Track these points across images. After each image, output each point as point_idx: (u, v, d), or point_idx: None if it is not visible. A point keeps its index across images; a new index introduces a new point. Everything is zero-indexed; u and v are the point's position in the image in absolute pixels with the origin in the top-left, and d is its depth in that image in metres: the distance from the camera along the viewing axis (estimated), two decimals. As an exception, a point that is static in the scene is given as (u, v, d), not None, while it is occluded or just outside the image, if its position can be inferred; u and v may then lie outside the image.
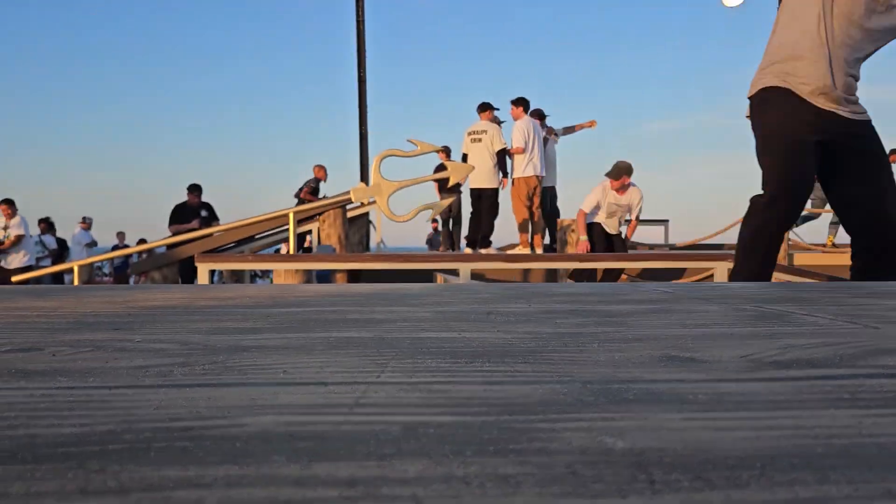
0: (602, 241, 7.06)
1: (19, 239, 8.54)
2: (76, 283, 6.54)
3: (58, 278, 8.47)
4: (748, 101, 3.40)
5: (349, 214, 7.64)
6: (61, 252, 11.65)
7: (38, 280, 7.18)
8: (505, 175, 7.79)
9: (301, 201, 8.97)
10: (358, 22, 12.94)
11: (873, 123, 3.19)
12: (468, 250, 7.80)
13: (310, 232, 8.77)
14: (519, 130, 7.70)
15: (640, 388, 0.69)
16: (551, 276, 6.86)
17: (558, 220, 8.42)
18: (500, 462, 0.46)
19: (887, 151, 3.25)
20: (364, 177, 12.29)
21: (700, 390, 0.68)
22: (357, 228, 8.97)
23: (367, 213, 9.60)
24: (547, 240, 9.40)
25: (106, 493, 0.42)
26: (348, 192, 6.75)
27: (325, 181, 9.53)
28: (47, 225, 11.67)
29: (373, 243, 10.98)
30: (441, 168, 7.65)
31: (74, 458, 0.49)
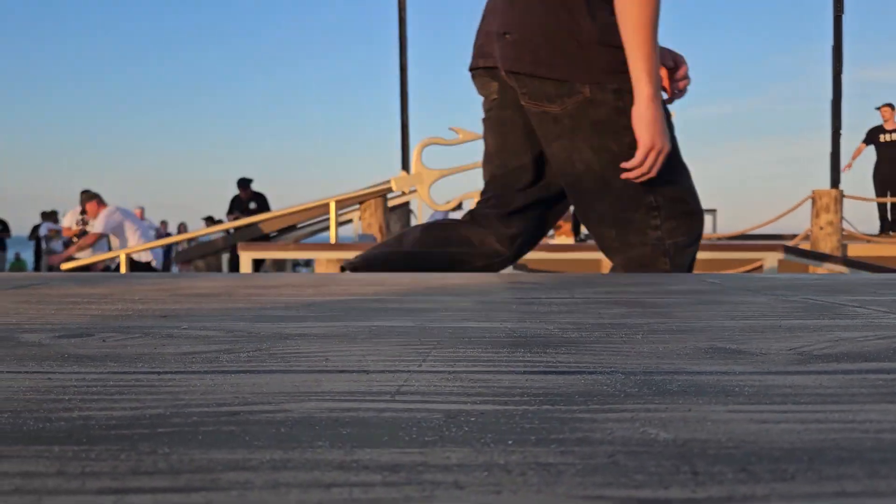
0: None
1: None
2: (123, 270, 6.72)
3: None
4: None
5: (390, 203, 7.68)
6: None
7: (87, 267, 7.39)
8: None
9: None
10: (400, 9, 12.96)
11: None
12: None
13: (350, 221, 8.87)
14: None
15: (684, 380, 0.68)
16: (596, 265, 6.80)
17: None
18: (541, 451, 0.46)
19: None
20: (405, 165, 12.34)
21: (746, 382, 0.67)
22: (398, 217, 9.01)
23: (408, 203, 9.65)
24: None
25: (156, 474, 0.43)
26: (389, 181, 6.79)
27: (244, 196, 9.09)
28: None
29: (414, 232, 11.00)
30: None
31: (126, 439, 0.50)
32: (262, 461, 0.45)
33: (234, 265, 7.32)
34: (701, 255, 5.85)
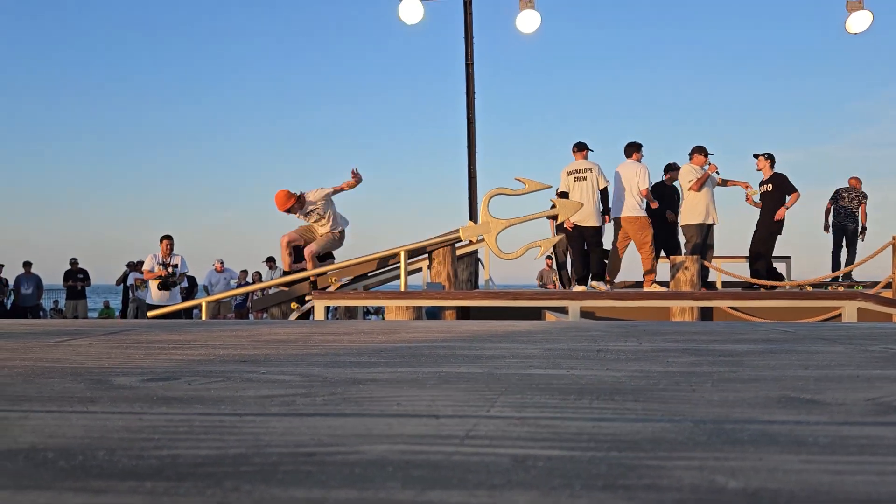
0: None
1: (184, 277, 9.15)
2: (204, 318, 6.96)
3: (188, 313, 9.03)
4: None
5: (458, 252, 7.74)
6: (191, 288, 12.43)
7: (170, 315, 7.68)
8: (606, 213, 7.72)
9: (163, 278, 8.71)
10: (467, 64, 13.24)
11: None
12: (580, 288, 7.70)
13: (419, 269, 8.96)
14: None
15: (755, 429, 0.67)
16: (664, 313, 6.65)
17: (671, 257, 8.19)
18: (608, 497, 0.47)
19: None
20: (473, 215, 12.43)
21: (821, 433, 0.66)
22: (466, 266, 9.05)
23: (475, 251, 9.69)
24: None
25: (241, 509, 0.46)
26: (457, 231, 6.85)
27: (168, 257, 9.10)
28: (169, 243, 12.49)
29: (481, 280, 11.04)
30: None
31: (212, 477, 0.54)
32: (338, 500, 0.47)
33: (305, 312, 7.49)
34: (774, 302, 5.65)
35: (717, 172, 8.19)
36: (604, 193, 7.55)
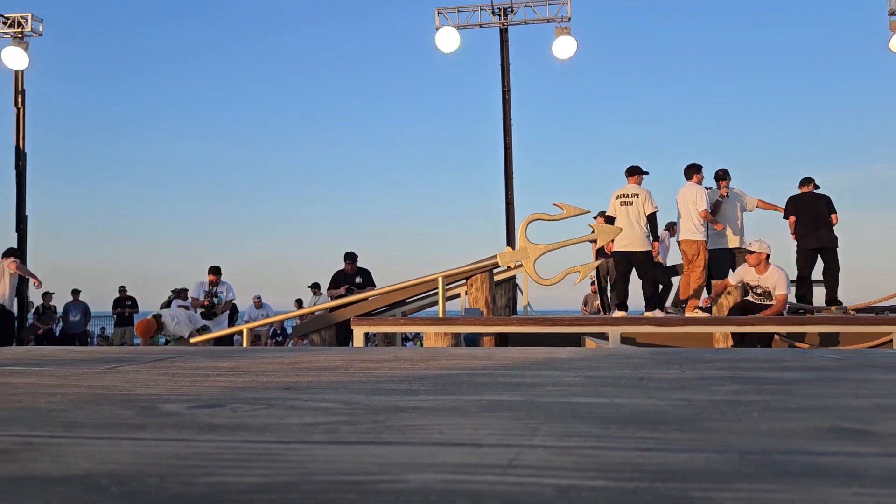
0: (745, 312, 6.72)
1: (228, 305, 9.35)
2: (245, 345, 7.04)
3: (229, 339, 9.18)
4: None
5: (496, 278, 7.73)
6: (232, 316, 12.63)
7: (211, 342, 7.80)
8: (655, 238, 7.64)
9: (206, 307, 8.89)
10: (503, 91, 13.34)
11: None
12: (620, 313, 7.63)
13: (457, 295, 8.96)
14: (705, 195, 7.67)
15: (805, 461, 0.66)
16: (706, 339, 6.53)
17: (713, 282, 8.06)
18: (654, 528, 0.47)
19: None
20: (510, 241, 12.42)
21: (874, 465, 0.64)
22: (504, 292, 9.03)
23: (513, 277, 9.67)
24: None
25: (290, 536, 0.47)
26: (495, 257, 6.85)
27: (350, 270, 9.13)
28: (215, 274, 12.75)
29: (519, 307, 10.99)
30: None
31: (260, 504, 0.55)
32: (385, 528, 0.48)
33: (345, 338, 7.55)
34: (821, 328, 5.50)
35: (726, 196, 8.01)
36: (651, 219, 7.45)
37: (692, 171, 7.65)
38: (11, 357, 1.97)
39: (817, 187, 8.05)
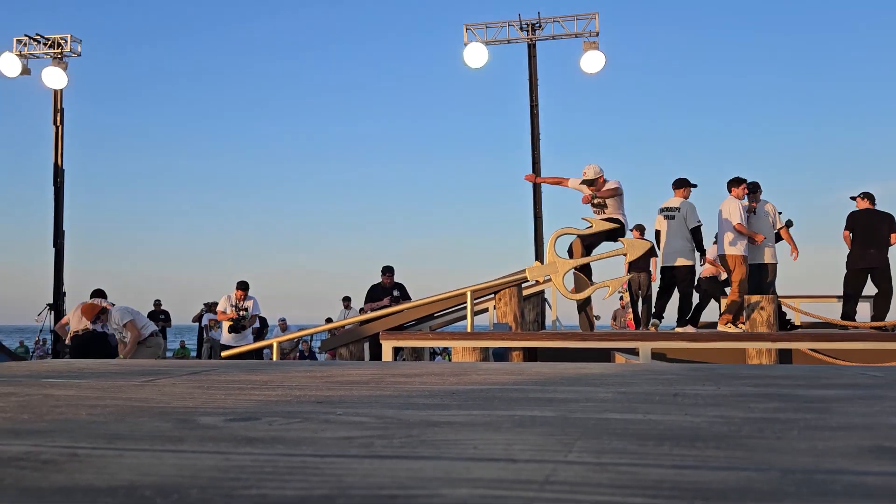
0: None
1: (255, 319, 9.44)
2: (275, 358, 7.10)
3: (258, 353, 9.27)
4: None
5: (525, 292, 7.70)
6: (261, 329, 12.74)
7: (241, 356, 7.88)
8: (701, 252, 7.56)
9: (236, 320, 8.83)
10: (531, 106, 13.35)
11: None
12: (656, 322, 7.56)
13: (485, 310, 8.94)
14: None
15: (848, 480, 0.65)
16: (740, 355, 6.42)
17: (745, 297, 7.94)
18: (696, 546, 0.46)
19: None
20: (539, 256, 12.37)
21: (919, 485, 0.63)
22: (532, 306, 8.99)
23: (542, 292, 9.62)
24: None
25: (331, 550, 0.47)
26: (524, 271, 6.83)
27: (387, 283, 9.11)
28: (243, 289, 12.88)
29: (548, 321, 10.93)
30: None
31: (300, 517, 0.55)
32: (424, 542, 0.48)
33: (374, 352, 7.57)
34: (859, 344, 5.38)
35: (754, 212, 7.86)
36: (695, 233, 7.37)
37: (732, 184, 7.51)
38: (52, 370, 2.02)
39: (874, 202, 7.86)
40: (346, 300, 13.61)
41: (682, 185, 7.49)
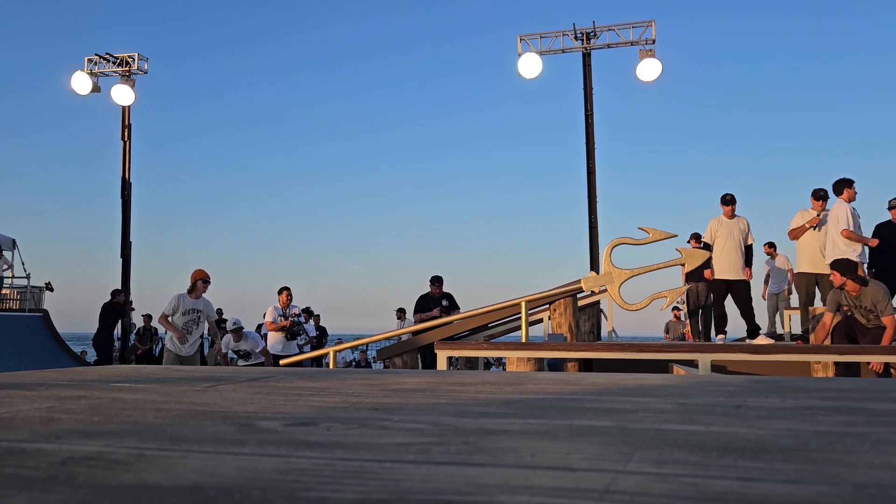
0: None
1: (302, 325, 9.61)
2: (331, 366, 7.20)
3: (316, 361, 9.38)
4: None
5: (580, 303, 7.62)
6: (321, 339, 12.91)
7: (300, 363, 8.00)
8: (749, 266, 7.40)
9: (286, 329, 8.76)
10: (586, 115, 13.24)
11: None
12: (720, 337, 7.39)
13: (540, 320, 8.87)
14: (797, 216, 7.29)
15: (925, 496, 0.62)
16: (804, 368, 6.20)
17: (810, 308, 7.68)
18: (764, 559, 0.45)
19: None
20: (594, 266, 12.23)
21: None
22: (588, 317, 8.87)
23: (597, 302, 9.50)
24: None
25: (391, 552, 0.47)
26: (579, 281, 6.76)
27: (436, 293, 9.03)
28: (308, 314, 13.07)
29: (604, 332, 10.78)
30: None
31: (360, 519, 0.56)
32: (483, 547, 0.48)
33: (427, 361, 7.59)
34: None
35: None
36: (749, 250, 7.26)
37: (841, 185, 7.02)
38: (119, 375, 2.09)
39: None
40: (401, 311, 13.68)
41: (730, 201, 7.35)
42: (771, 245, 11.55)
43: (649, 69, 12.95)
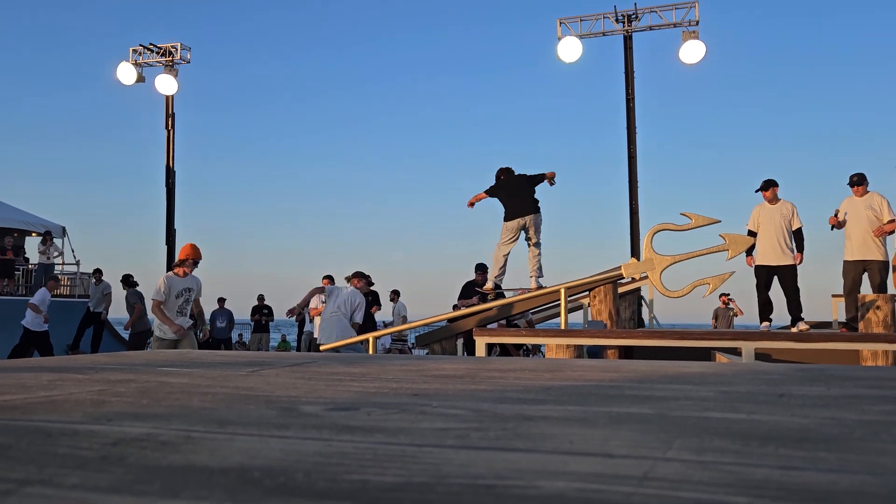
0: None
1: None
2: (370, 352, 7.28)
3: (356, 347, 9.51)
4: None
5: (620, 290, 7.55)
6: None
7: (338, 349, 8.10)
8: (800, 251, 7.25)
9: None
10: (628, 99, 13.05)
11: None
12: (765, 325, 7.26)
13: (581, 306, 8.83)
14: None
15: (974, 487, 0.61)
16: (853, 356, 6.05)
17: (859, 296, 7.48)
18: (804, 547, 0.45)
19: None
20: (635, 252, 12.09)
21: None
22: (628, 304, 8.80)
23: (638, 289, 9.40)
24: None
25: (431, 534, 0.48)
26: (619, 268, 6.70)
27: (480, 280, 8.93)
28: (396, 294, 13.28)
29: (644, 319, 10.66)
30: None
31: (400, 502, 0.57)
32: (521, 531, 0.49)
33: (468, 348, 7.63)
34: None
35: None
36: (798, 234, 7.09)
37: (770, 184, 7.08)
38: (166, 359, 2.15)
39: None
40: (394, 293, 13.58)
41: (770, 185, 7.18)
42: None
43: (693, 51, 12.68)
